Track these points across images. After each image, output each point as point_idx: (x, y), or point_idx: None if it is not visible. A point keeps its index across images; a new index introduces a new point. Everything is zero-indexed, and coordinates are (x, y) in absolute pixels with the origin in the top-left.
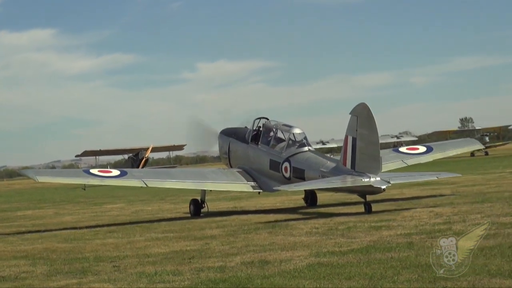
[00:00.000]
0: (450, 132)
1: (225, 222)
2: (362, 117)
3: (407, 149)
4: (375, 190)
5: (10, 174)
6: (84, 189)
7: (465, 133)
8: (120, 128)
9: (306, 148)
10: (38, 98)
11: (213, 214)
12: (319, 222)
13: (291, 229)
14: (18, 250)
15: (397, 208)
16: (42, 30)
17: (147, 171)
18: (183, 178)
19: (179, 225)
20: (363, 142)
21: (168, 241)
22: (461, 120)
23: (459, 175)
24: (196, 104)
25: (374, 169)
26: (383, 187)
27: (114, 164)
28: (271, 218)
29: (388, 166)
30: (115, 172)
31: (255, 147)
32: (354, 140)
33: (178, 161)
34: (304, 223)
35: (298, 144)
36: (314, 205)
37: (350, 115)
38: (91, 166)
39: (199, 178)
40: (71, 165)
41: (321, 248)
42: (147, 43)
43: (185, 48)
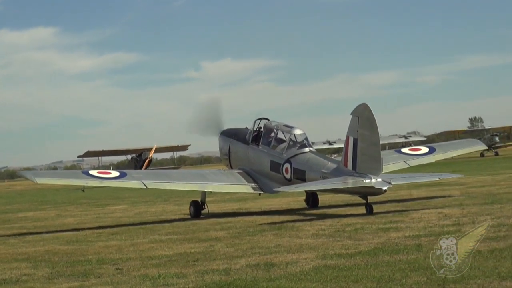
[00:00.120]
0: (459, 132)
1: (230, 224)
2: (363, 117)
3: (410, 150)
4: (376, 191)
5: (11, 175)
6: (83, 190)
7: (474, 133)
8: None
9: (307, 149)
10: (39, 97)
11: (217, 216)
12: (326, 223)
13: (297, 231)
14: (19, 253)
15: (405, 209)
16: (43, 28)
17: (147, 173)
18: (183, 180)
19: (183, 227)
20: (364, 143)
21: (172, 243)
22: (470, 119)
23: (461, 176)
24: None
25: (375, 170)
26: (384, 188)
27: (117, 164)
28: (277, 220)
29: (390, 167)
30: (115, 173)
31: (256, 148)
32: (355, 141)
33: (182, 161)
34: (310, 225)
35: (299, 145)
36: (316, 206)
37: (351, 116)
38: (94, 166)
39: (199, 180)
40: (73, 166)
41: (327, 250)
42: (150, 42)
43: (189, 46)
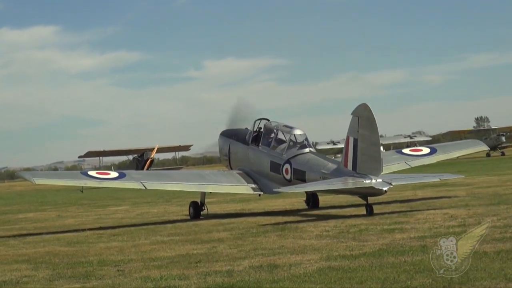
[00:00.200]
0: (465, 131)
1: (232, 225)
2: (363, 118)
3: (411, 150)
4: (377, 192)
5: (11, 175)
6: (81, 191)
7: (480, 132)
8: (124, 128)
9: (307, 149)
10: (40, 97)
11: (220, 217)
12: (330, 224)
13: (301, 232)
14: (20, 254)
15: (410, 210)
16: (44, 27)
17: (146, 173)
18: (183, 180)
19: (186, 228)
20: (364, 143)
21: (174, 244)
22: (476, 119)
23: (462, 177)
24: (202, 103)
25: (376, 170)
26: (385, 189)
27: (119, 165)
28: (280, 221)
29: (391, 168)
30: (114, 174)
31: (256, 149)
32: (355, 141)
33: (184, 162)
34: (314, 226)
35: (299, 145)
36: (316, 207)
37: (351, 116)
38: (95, 167)
39: (199, 180)
40: (74, 166)
41: (332, 251)
42: (152, 41)
43: (191, 45)
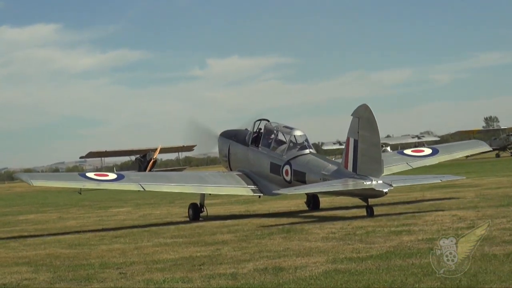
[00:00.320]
0: (474, 131)
1: (237, 227)
2: (363, 118)
3: (412, 151)
4: (377, 193)
5: (11, 176)
6: (80, 193)
7: (489, 132)
8: (126, 128)
9: (307, 150)
10: (41, 96)
11: (224, 218)
12: (336, 226)
13: (307, 234)
14: (20, 256)
15: (418, 211)
16: (44, 25)
17: (145, 175)
18: (182, 182)
19: (189, 229)
20: (365, 144)
21: (177, 246)
22: (485, 119)
23: (463, 178)
24: (206, 102)
25: (376, 171)
26: (385, 190)
27: (121, 165)
28: (286, 222)
29: (392, 169)
30: (112, 175)
31: (256, 150)
32: (355, 142)
33: (188, 162)
34: (320, 228)
35: (299, 146)
36: (317, 209)
37: (351, 117)
38: (96, 168)
39: (198, 182)
40: (75, 167)
41: (338, 254)
42: (155, 39)
43: (194, 44)
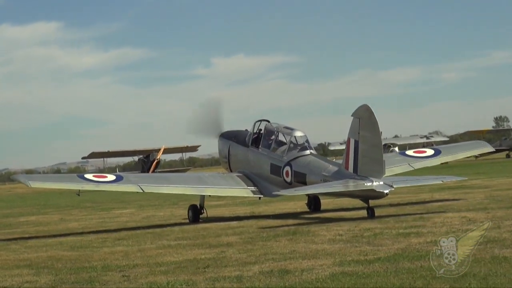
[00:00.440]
0: (483, 131)
1: (242, 229)
2: (364, 119)
3: (414, 152)
4: (378, 195)
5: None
6: (78, 194)
7: (500, 132)
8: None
9: (308, 151)
10: (42, 96)
11: (229, 220)
12: (343, 228)
13: (313, 236)
14: (21, 259)
15: (426, 212)
16: (46, 23)
17: (144, 176)
18: (181, 183)
19: (193, 231)
20: (366, 144)
21: (181, 249)
22: (495, 119)
23: (465, 179)
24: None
25: (377, 172)
26: (386, 192)
27: (123, 166)
28: (292, 224)
29: (394, 170)
30: (111, 177)
31: (256, 151)
32: (356, 143)
33: (192, 163)
34: (326, 230)
35: (300, 147)
36: (318, 210)
37: (352, 117)
38: (99, 168)
39: (198, 183)
40: (77, 167)
41: (345, 256)
42: (158, 37)
43: (199, 42)
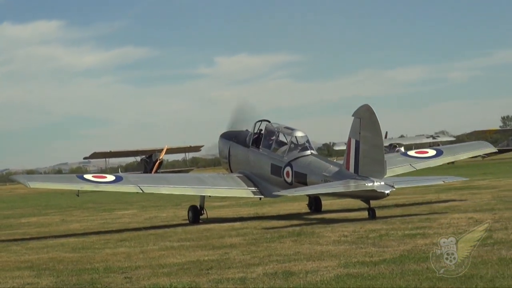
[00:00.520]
0: (490, 131)
1: (246, 230)
2: (365, 119)
3: (416, 152)
4: (379, 195)
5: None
6: (77, 195)
7: (507, 132)
8: (132, 127)
9: (309, 151)
10: (43, 95)
11: (233, 221)
12: (348, 229)
13: (318, 237)
14: (22, 260)
15: (433, 213)
16: (47, 22)
17: (144, 176)
18: (181, 184)
19: (196, 233)
20: (366, 145)
21: (184, 250)
22: (503, 118)
23: (466, 179)
24: (214, 101)
25: (378, 173)
26: (387, 192)
27: (126, 167)
28: (296, 225)
29: (395, 171)
30: (110, 177)
31: (256, 151)
32: (357, 143)
33: (195, 163)
34: (331, 231)
35: (301, 147)
36: (319, 211)
37: (353, 117)
38: (101, 169)
39: (197, 184)
40: (79, 168)
41: (350, 258)
42: (161, 36)
43: (202, 41)
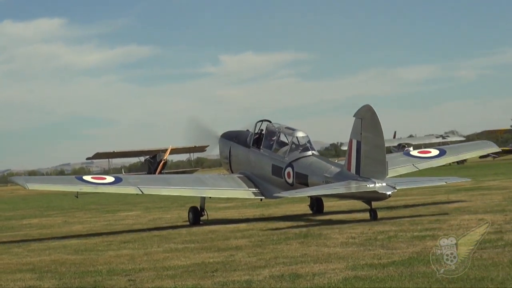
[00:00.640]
0: (501, 131)
1: (251, 231)
2: (366, 119)
3: (419, 152)
4: (380, 196)
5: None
6: (77, 196)
7: None
8: (135, 127)
9: (310, 152)
10: (45, 94)
11: (238, 222)
12: (356, 231)
13: (325, 239)
14: (24, 263)
15: (442, 213)
16: (49, 19)
17: (144, 178)
18: (181, 185)
19: (201, 234)
20: (368, 145)
21: (189, 252)
22: None
23: (468, 180)
24: (219, 100)
25: (380, 173)
26: (388, 193)
27: (129, 167)
28: (303, 227)
29: (398, 171)
30: (110, 178)
31: (257, 151)
32: (358, 144)
33: (200, 164)
34: (339, 233)
35: (302, 148)
36: (321, 212)
37: (354, 118)
38: (104, 169)
39: (198, 185)
40: (82, 168)
41: (358, 260)
42: (165, 34)
43: (207, 39)
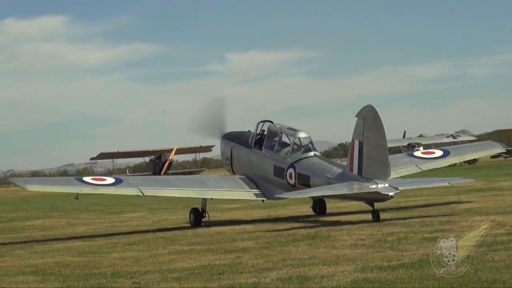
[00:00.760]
0: None
1: (258, 233)
2: (368, 119)
3: (422, 153)
4: (383, 197)
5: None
6: (77, 198)
7: None
8: (140, 127)
9: (312, 153)
10: (49, 93)
11: (245, 223)
12: (365, 233)
13: (333, 241)
14: (27, 265)
15: (453, 214)
16: (52, 17)
17: (144, 179)
18: (182, 186)
19: (207, 236)
20: (370, 146)
21: (195, 254)
22: None
23: (472, 180)
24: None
25: (382, 174)
26: (391, 194)
27: (134, 167)
28: (311, 228)
29: (401, 172)
30: (110, 180)
31: (259, 152)
32: (360, 144)
33: (206, 164)
34: (348, 234)
35: (304, 148)
36: (323, 213)
37: (356, 118)
38: (108, 170)
39: (199, 186)
40: (86, 169)
41: (367, 262)
42: (170, 31)
43: (213, 36)
